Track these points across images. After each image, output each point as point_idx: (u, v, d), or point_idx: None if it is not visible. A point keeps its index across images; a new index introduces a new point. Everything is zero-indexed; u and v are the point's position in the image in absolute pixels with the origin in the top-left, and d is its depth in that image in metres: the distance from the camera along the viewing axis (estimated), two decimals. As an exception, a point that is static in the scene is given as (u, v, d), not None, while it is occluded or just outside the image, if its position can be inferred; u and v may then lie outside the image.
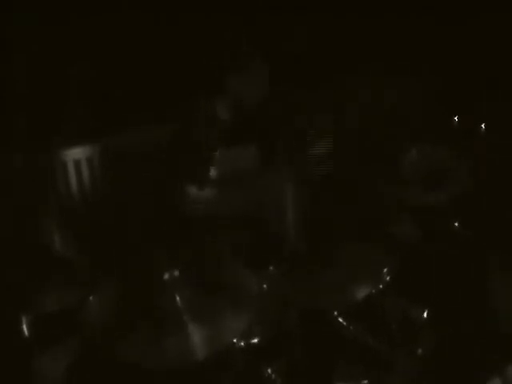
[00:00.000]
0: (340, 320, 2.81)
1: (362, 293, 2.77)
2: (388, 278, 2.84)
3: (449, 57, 5.12)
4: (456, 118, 4.15)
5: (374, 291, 2.78)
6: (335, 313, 2.82)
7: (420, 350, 2.75)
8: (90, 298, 2.81)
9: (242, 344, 2.69)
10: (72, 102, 4.26)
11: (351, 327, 2.80)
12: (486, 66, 4.87)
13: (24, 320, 2.83)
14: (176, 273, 2.68)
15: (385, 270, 2.85)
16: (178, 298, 2.64)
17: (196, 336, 2.55)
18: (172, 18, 4.50)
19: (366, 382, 2.66)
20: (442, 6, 5.13)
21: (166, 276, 2.67)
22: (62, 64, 4.23)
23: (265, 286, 2.87)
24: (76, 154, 4.04)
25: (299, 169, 3.48)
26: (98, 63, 4.34)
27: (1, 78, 4.04)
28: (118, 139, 4.16)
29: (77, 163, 4.03)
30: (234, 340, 2.67)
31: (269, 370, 2.68)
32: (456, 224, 3.54)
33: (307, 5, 4.95)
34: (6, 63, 4.08)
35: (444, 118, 4.34)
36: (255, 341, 2.71)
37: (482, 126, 4.03)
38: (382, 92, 4.99)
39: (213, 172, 3.42)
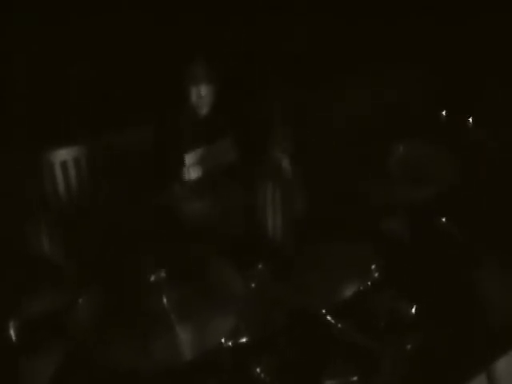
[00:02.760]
0: (328, 318, 2.80)
1: (350, 290, 2.78)
2: (376, 275, 2.85)
3: (434, 53, 5.13)
4: (443, 114, 4.15)
5: (361, 288, 2.79)
6: (323, 311, 2.80)
7: (408, 346, 2.76)
8: (78, 301, 2.81)
9: (230, 344, 2.69)
10: (58, 104, 4.25)
11: (339, 325, 2.79)
12: (472, 61, 4.89)
13: (11, 324, 2.82)
14: (162, 274, 2.68)
15: (372, 266, 2.86)
16: (164, 300, 2.64)
17: (183, 337, 2.55)
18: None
19: (354, 378, 2.66)
20: (431, 5, 5.16)
21: (153, 278, 2.66)
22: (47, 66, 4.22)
23: (253, 285, 2.88)
24: (63, 155, 4.02)
25: (284, 167, 3.47)
26: (81, 68, 4.33)
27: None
28: (103, 140, 4.15)
29: (63, 165, 4.01)
30: (222, 340, 2.66)
31: (258, 369, 2.68)
32: (443, 220, 3.54)
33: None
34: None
35: (431, 113, 4.35)
36: (243, 340, 2.70)
37: (470, 121, 4.04)
38: (367, 90, 5.00)
39: (195, 170, 3.42)
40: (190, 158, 3.41)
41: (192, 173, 3.42)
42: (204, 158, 3.43)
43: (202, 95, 3.39)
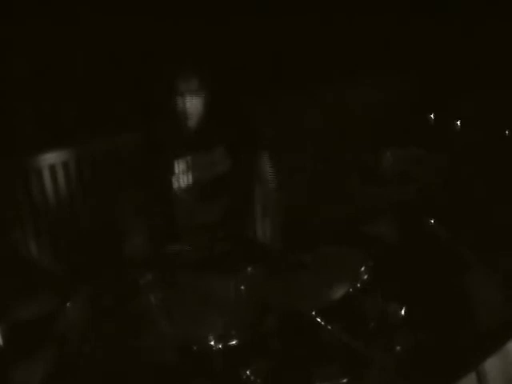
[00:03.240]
0: (318, 320, 2.80)
1: (339, 292, 2.78)
2: (365, 277, 2.85)
3: (421, 55, 5.16)
4: (430, 115, 4.18)
5: (351, 290, 2.80)
6: (313, 313, 2.81)
7: (398, 348, 2.76)
8: (67, 304, 2.80)
9: (220, 346, 2.68)
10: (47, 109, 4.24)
11: (329, 327, 2.79)
12: (459, 62, 4.92)
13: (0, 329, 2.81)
14: (150, 277, 2.68)
15: (362, 269, 2.87)
16: (153, 301, 2.63)
17: (172, 338, 2.55)
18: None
19: (344, 381, 2.66)
20: (418, 8, 5.19)
21: (142, 280, 2.67)
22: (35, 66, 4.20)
23: (242, 287, 2.88)
24: (51, 159, 4.00)
25: (275, 170, 3.48)
26: (68, 68, 4.32)
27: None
28: (92, 144, 4.14)
29: (52, 168, 3.99)
30: (212, 343, 2.66)
31: (247, 372, 2.68)
32: (431, 222, 3.55)
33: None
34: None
35: (417, 115, 4.38)
36: (233, 343, 2.70)
37: (457, 122, 4.06)
38: (356, 93, 5.02)
39: (186, 178, 3.42)
40: (180, 166, 3.41)
41: (182, 180, 3.42)
42: (195, 166, 3.43)
43: (192, 101, 3.38)
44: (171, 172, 3.38)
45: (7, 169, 3.80)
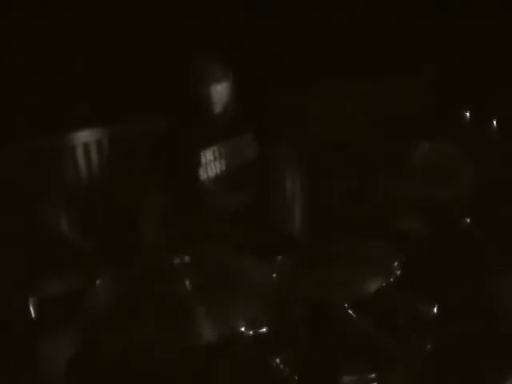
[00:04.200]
0: (349, 312, 2.78)
1: (371, 287, 2.76)
2: (398, 273, 2.83)
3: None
4: (466, 114, 4.15)
5: (383, 285, 2.77)
6: (344, 305, 2.78)
7: (428, 346, 2.74)
8: (96, 282, 2.79)
9: (251, 333, 2.66)
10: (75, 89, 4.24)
11: (359, 321, 2.77)
12: (497, 62, 4.90)
13: (30, 303, 2.80)
14: (186, 258, 2.66)
15: (395, 263, 2.84)
16: (187, 284, 2.61)
17: (203, 325, 2.53)
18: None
19: (372, 376, 2.64)
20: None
21: (177, 261, 2.64)
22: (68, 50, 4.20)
23: (274, 275, 2.86)
24: (84, 137, 3.99)
25: (305, 160, 3.46)
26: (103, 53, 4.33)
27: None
28: (124, 127, 4.14)
29: (85, 146, 3.98)
30: (243, 329, 2.64)
31: (277, 361, 2.66)
32: (465, 221, 3.52)
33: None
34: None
35: (453, 114, 4.35)
36: (263, 330, 2.68)
37: (494, 122, 4.03)
38: (387, 89, 5.01)
39: (214, 164, 3.40)
40: (207, 156, 3.39)
41: (210, 170, 3.40)
42: (222, 154, 3.41)
43: (217, 90, 3.35)
44: (198, 157, 3.37)
45: (40, 145, 3.80)
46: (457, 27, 5.16)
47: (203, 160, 3.37)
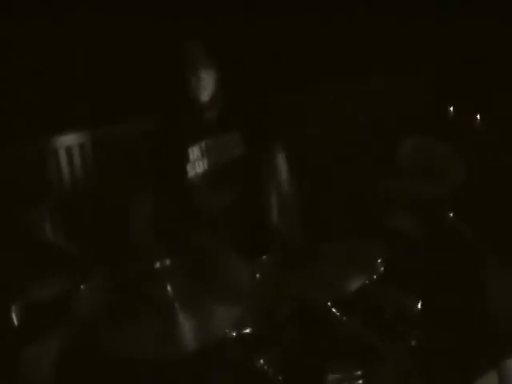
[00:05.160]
0: (333, 311, 2.78)
1: (355, 284, 2.75)
2: (382, 270, 2.82)
3: (445, 49, 5.15)
4: (454, 110, 4.14)
5: (367, 283, 2.77)
6: (329, 303, 2.78)
7: (413, 342, 2.74)
8: (81, 287, 2.80)
9: (235, 334, 2.66)
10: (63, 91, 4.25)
11: (344, 318, 2.77)
12: (482, 59, 4.89)
13: (13, 308, 2.80)
14: (167, 261, 2.66)
15: (378, 260, 2.83)
16: (169, 287, 2.61)
17: (187, 325, 2.54)
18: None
19: (358, 373, 2.64)
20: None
21: (158, 264, 2.64)
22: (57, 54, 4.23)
23: (258, 275, 2.86)
24: (68, 140, 4.01)
25: (292, 158, 3.46)
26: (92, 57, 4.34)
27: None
28: (109, 128, 4.15)
29: (68, 150, 4.00)
30: (226, 330, 2.64)
31: (261, 361, 2.65)
32: (451, 216, 3.51)
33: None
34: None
35: (443, 110, 4.35)
36: (248, 331, 2.68)
37: (482, 117, 4.02)
38: (377, 88, 5.01)
39: (202, 163, 3.41)
40: (195, 152, 3.40)
41: (198, 166, 3.40)
42: (210, 151, 3.42)
43: (204, 85, 3.35)
44: (186, 155, 3.37)
45: (24, 149, 3.82)
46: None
47: (191, 157, 3.38)
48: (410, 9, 5.26)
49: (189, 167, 3.38)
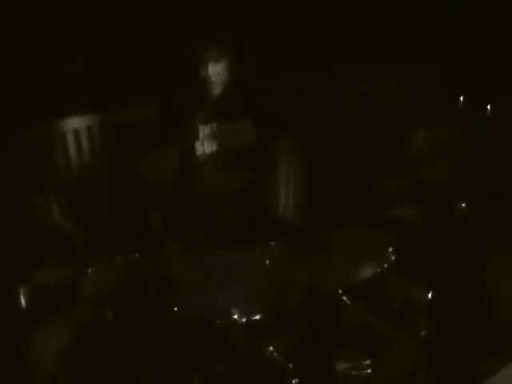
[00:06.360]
0: (343, 299, 2.76)
1: (365, 273, 2.75)
2: (392, 259, 2.81)
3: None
4: (460, 100, 4.14)
5: (378, 271, 2.75)
6: (339, 291, 2.77)
7: (422, 331, 2.72)
8: (88, 271, 2.78)
9: (244, 320, 2.64)
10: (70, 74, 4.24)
11: (354, 307, 2.76)
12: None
13: (21, 293, 2.79)
14: (176, 245, 2.65)
15: (389, 250, 2.82)
16: (178, 273, 2.60)
17: (195, 309, 2.52)
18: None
19: (367, 362, 2.62)
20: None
21: (166, 247, 2.63)
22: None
23: (267, 261, 2.84)
24: (75, 123, 3.98)
25: (300, 146, 3.46)
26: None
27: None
28: (114, 112, 4.13)
29: (76, 134, 3.97)
30: (236, 316, 2.62)
31: (270, 349, 2.64)
32: (459, 206, 3.50)
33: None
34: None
35: (447, 100, 4.35)
36: (256, 318, 2.66)
37: (488, 108, 4.02)
38: (381, 78, 5.01)
39: (209, 145, 3.40)
40: (204, 131, 3.38)
41: (206, 147, 3.39)
42: (220, 134, 3.40)
43: (217, 72, 3.35)
44: (195, 137, 3.36)
45: (31, 134, 3.80)
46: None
47: (200, 136, 3.37)
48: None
49: (198, 151, 3.36)
